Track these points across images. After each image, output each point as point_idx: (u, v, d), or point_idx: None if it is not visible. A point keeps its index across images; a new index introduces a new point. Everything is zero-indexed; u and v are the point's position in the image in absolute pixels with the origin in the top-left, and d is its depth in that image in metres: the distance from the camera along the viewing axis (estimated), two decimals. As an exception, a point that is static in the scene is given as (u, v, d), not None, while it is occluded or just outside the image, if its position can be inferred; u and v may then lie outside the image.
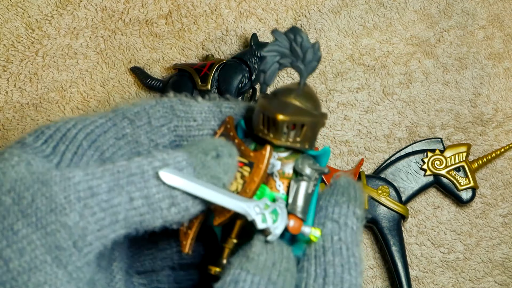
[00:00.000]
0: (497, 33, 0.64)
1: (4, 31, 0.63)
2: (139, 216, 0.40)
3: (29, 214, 0.38)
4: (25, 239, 0.38)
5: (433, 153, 0.62)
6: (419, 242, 0.62)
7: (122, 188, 0.39)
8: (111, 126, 0.45)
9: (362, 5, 0.64)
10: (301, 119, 0.44)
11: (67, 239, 0.38)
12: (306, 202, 0.45)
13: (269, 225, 0.42)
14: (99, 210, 0.39)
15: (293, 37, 0.45)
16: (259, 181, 0.44)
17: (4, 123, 0.62)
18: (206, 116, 0.47)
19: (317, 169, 0.45)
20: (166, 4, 0.64)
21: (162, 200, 0.40)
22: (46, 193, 0.38)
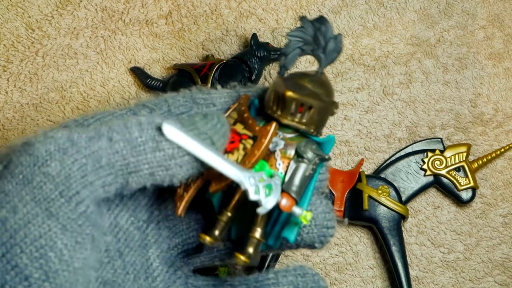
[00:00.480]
0: (497, 33, 0.64)
1: (4, 31, 0.63)
2: (122, 160, 0.40)
3: (16, 173, 0.39)
4: (16, 197, 0.38)
5: (433, 153, 0.62)
6: (419, 242, 0.62)
7: (103, 135, 0.40)
8: (130, 115, 0.45)
9: (362, 5, 0.64)
10: (309, 101, 0.45)
11: (53, 190, 0.38)
12: (302, 184, 0.45)
13: (261, 197, 0.43)
14: (80, 156, 0.39)
15: (319, 26, 0.46)
16: (260, 155, 0.44)
17: (4, 123, 0.62)
18: (225, 101, 0.48)
19: (318, 154, 0.46)
20: (166, 4, 0.64)
21: (146, 143, 0.40)
22: (29, 150, 0.39)
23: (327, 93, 0.46)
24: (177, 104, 0.47)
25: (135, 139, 0.40)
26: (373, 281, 0.62)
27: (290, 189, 0.45)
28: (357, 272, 0.62)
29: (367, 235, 0.62)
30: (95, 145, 0.39)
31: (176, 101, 0.47)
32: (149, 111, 0.46)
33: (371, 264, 0.62)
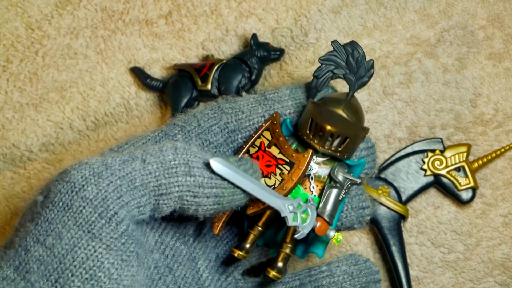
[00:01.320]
0: (497, 33, 0.64)
1: (4, 31, 0.63)
2: (155, 181, 0.41)
3: (56, 201, 0.41)
4: (59, 224, 0.40)
5: (433, 153, 0.62)
6: (419, 242, 0.62)
7: (137, 157, 0.42)
8: (162, 136, 0.48)
9: (362, 5, 0.64)
10: (346, 132, 0.47)
11: (93, 212, 0.40)
12: (335, 207, 0.48)
13: (298, 224, 0.45)
14: (115, 178, 0.41)
15: (351, 51, 0.47)
16: (297, 181, 0.47)
17: (4, 123, 0.62)
18: (253, 106, 0.50)
19: (350, 179, 0.48)
20: (166, 4, 0.64)
21: (178, 166, 0.42)
22: (65, 177, 0.41)
23: (359, 119, 0.49)
24: (206, 117, 0.49)
25: (168, 162, 0.42)
26: (373, 281, 0.62)
27: (324, 214, 0.47)
28: (357, 272, 0.62)
29: (367, 235, 0.62)
30: (129, 167, 0.41)
31: (205, 115, 0.50)
32: (179, 128, 0.48)
33: (371, 264, 0.62)
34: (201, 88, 0.61)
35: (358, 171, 0.50)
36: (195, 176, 0.42)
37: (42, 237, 0.40)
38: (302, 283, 0.49)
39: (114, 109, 0.63)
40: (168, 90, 0.61)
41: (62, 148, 0.62)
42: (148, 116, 0.63)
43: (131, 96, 0.63)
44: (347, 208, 0.50)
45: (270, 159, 0.48)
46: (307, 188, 0.48)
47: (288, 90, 0.51)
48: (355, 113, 0.48)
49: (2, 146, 0.62)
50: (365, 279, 0.50)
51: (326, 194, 0.47)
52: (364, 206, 0.50)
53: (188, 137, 0.48)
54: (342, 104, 0.48)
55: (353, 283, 0.49)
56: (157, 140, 0.48)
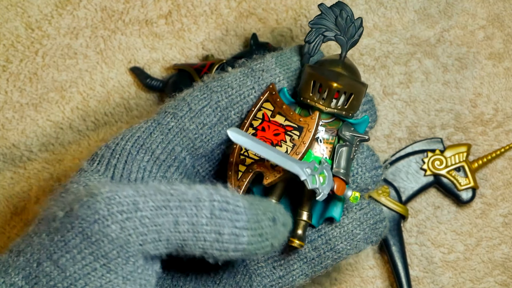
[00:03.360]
0: (497, 33, 0.64)
1: (3, 31, 0.63)
2: (182, 241, 0.41)
3: (76, 224, 0.40)
4: (75, 248, 0.40)
5: (433, 153, 0.62)
6: (419, 242, 0.62)
7: (170, 209, 0.41)
8: (155, 126, 0.48)
9: (362, 5, 0.64)
10: (350, 88, 0.47)
11: (112, 249, 0.40)
12: (348, 165, 0.48)
13: (318, 185, 0.45)
14: (142, 225, 0.40)
15: (339, 12, 0.48)
16: (309, 144, 0.47)
17: (4, 123, 0.62)
18: (241, 80, 0.50)
19: (358, 136, 0.48)
20: (166, 4, 0.64)
21: (209, 233, 0.41)
22: (91, 204, 0.40)
23: (358, 76, 0.49)
24: (196, 99, 0.49)
25: (200, 226, 0.41)
26: (373, 281, 0.62)
27: (339, 173, 0.47)
28: (357, 272, 0.62)
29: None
30: (159, 219, 0.40)
31: (195, 97, 0.49)
32: (171, 116, 0.48)
33: (371, 264, 0.62)
34: (201, 88, 0.61)
35: (363, 127, 0.50)
36: (223, 243, 0.42)
37: (56, 256, 0.40)
38: (312, 239, 0.50)
39: (114, 109, 0.63)
40: (168, 90, 0.61)
41: (62, 148, 0.62)
42: (148, 116, 0.63)
43: (131, 96, 0.63)
44: (361, 170, 0.51)
45: (277, 128, 0.48)
46: (317, 151, 0.48)
47: (273, 58, 0.51)
48: (352, 71, 0.49)
49: (2, 146, 0.62)
50: (372, 220, 0.50)
51: (338, 153, 0.48)
52: (377, 166, 0.51)
53: (182, 122, 0.48)
54: (339, 63, 0.48)
55: (362, 227, 0.50)
56: (151, 131, 0.47)
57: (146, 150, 0.46)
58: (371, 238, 0.51)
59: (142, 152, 0.46)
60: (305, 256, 0.50)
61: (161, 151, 0.47)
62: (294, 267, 0.50)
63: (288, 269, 0.50)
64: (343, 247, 0.50)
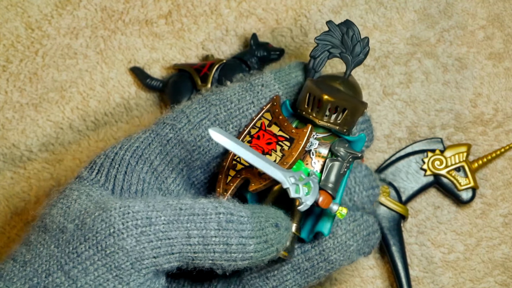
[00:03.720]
0: (497, 33, 0.64)
1: (3, 31, 0.63)
2: (193, 253, 0.43)
3: (90, 237, 0.41)
4: (88, 260, 0.41)
5: (433, 153, 0.62)
6: (419, 242, 0.62)
7: (181, 223, 0.42)
8: (154, 136, 0.48)
9: (362, 5, 0.64)
10: (344, 103, 0.47)
11: (125, 261, 0.41)
12: (338, 181, 0.48)
13: (301, 195, 0.45)
14: (156, 239, 0.42)
15: (346, 30, 0.48)
16: (297, 156, 0.47)
17: (4, 123, 0.62)
18: (240, 95, 0.50)
19: (351, 153, 0.48)
20: (166, 4, 0.64)
21: (217, 244, 0.43)
22: (105, 218, 0.41)
23: (357, 94, 0.49)
24: (195, 112, 0.49)
25: (210, 238, 0.43)
26: (373, 281, 0.62)
27: (327, 187, 0.47)
28: (357, 272, 0.62)
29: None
30: (172, 232, 0.42)
31: (193, 110, 0.50)
32: (170, 127, 0.48)
33: (371, 264, 0.62)
34: (201, 88, 0.61)
35: (359, 146, 0.50)
36: (231, 253, 0.43)
37: (67, 267, 0.41)
38: (305, 250, 0.50)
39: (114, 109, 0.63)
40: (168, 90, 0.61)
41: (62, 148, 0.62)
42: (148, 116, 0.63)
43: (131, 96, 0.63)
44: (359, 188, 0.51)
45: (270, 137, 0.48)
46: (308, 163, 0.48)
47: (272, 74, 0.51)
48: (352, 89, 0.49)
49: (2, 146, 0.62)
50: (365, 232, 0.51)
51: (328, 167, 0.48)
52: (374, 186, 0.52)
53: (180, 134, 0.48)
54: (340, 80, 0.49)
55: (355, 239, 0.50)
56: (150, 142, 0.48)
57: (145, 161, 0.47)
58: (364, 249, 0.51)
59: (141, 163, 0.47)
60: (298, 266, 0.50)
61: (159, 162, 0.47)
62: (287, 277, 0.50)
63: (281, 279, 0.50)
64: (336, 258, 0.50)
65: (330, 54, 0.50)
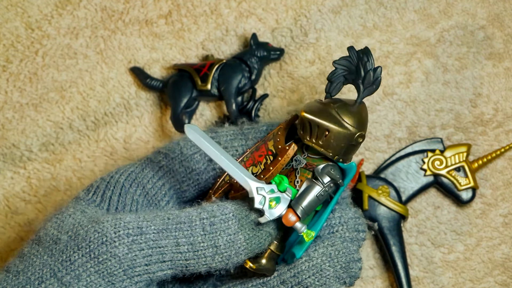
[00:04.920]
0: (497, 33, 0.64)
1: (3, 31, 0.63)
2: (184, 260, 0.44)
3: (83, 246, 0.43)
4: (81, 267, 0.42)
5: (433, 153, 0.62)
6: (419, 242, 0.62)
7: (170, 232, 0.44)
8: (148, 163, 0.51)
9: (362, 5, 0.64)
10: (324, 124, 0.46)
11: (118, 268, 0.43)
12: (311, 204, 0.47)
13: (264, 208, 0.45)
14: (147, 247, 0.43)
15: (362, 57, 0.47)
16: (274, 171, 0.47)
17: (4, 123, 0.62)
18: (230, 139, 0.52)
19: (332, 178, 0.47)
20: (166, 4, 0.64)
21: (206, 249, 0.44)
22: (98, 229, 0.43)
23: (355, 123, 0.47)
24: (189, 145, 0.51)
25: (198, 244, 0.44)
26: (373, 281, 0.62)
27: (296, 206, 0.46)
28: (357, 272, 0.62)
29: (367, 235, 0.62)
30: (162, 241, 0.44)
31: (188, 143, 0.51)
32: (163, 155, 0.51)
33: (371, 264, 0.62)
34: (201, 88, 0.61)
35: (349, 174, 0.49)
36: (222, 254, 0.44)
37: (60, 274, 0.42)
38: (281, 273, 0.49)
39: (114, 109, 0.63)
40: (168, 90, 0.61)
41: (62, 148, 0.62)
42: (148, 116, 0.63)
43: (131, 96, 0.63)
44: (342, 229, 0.50)
45: (264, 150, 0.49)
46: (292, 181, 0.48)
47: (265, 126, 0.53)
48: (351, 115, 0.47)
49: (2, 146, 0.62)
50: (344, 259, 0.49)
51: (303, 188, 0.47)
52: (360, 230, 0.50)
53: (172, 164, 0.50)
54: (339, 104, 0.48)
55: (332, 264, 0.49)
56: (144, 167, 0.50)
57: (138, 184, 0.49)
58: (344, 277, 0.49)
59: (134, 186, 0.49)
60: None
61: (152, 186, 0.49)
62: None
63: None
64: (310, 282, 0.49)
65: (345, 80, 0.49)
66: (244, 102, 0.61)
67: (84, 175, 0.62)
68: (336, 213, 0.50)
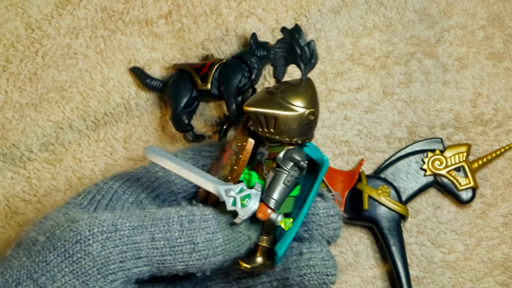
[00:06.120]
0: (497, 33, 0.64)
1: (3, 31, 0.63)
2: (160, 256, 0.44)
3: (58, 246, 0.43)
4: (55, 267, 0.42)
5: (433, 153, 0.62)
6: (419, 242, 0.62)
7: (145, 228, 0.44)
8: (145, 172, 0.50)
9: (362, 5, 0.64)
10: (268, 112, 0.46)
11: (92, 266, 0.42)
12: (281, 192, 0.46)
13: (237, 208, 0.45)
14: (121, 243, 0.43)
15: (293, 34, 0.46)
16: (239, 170, 0.47)
17: (4, 123, 0.62)
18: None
19: (294, 162, 0.46)
20: (166, 4, 0.64)
21: (184, 245, 0.44)
22: (73, 228, 0.43)
23: (303, 102, 0.46)
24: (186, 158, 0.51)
25: (175, 239, 0.44)
26: (373, 281, 0.62)
27: (266, 199, 0.46)
28: (357, 272, 0.62)
29: (367, 235, 0.62)
30: (137, 236, 0.43)
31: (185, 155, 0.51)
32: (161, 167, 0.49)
33: (371, 264, 0.62)
34: (201, 88, 0.61)
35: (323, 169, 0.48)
36: (200, 251, 0.44)
37: (36, 275, 0.42)
38: None
39: (114, 109, 0.63)
40: (168, 90, 0.61)
41: (62, 148, 0.62)
42: (148, 116, 0.63)
43: (131, 96, 0.63)
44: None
45: (230, 151, 0.49)
46: (261, 175, 0.47)
47: None
48: (296, 95, 0.46)
49: (2, 146, 0.62)
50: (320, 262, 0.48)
51: (270, 178, 0.46)
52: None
53: (169, 175, 0.50)
54: (282, 86, 0.47)
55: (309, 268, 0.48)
56: (140, 177, 0.49)
57: (132, 192, 0.49)
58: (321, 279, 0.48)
59: (128, 193, 0.49)
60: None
61: (146, 196, 0.49)
62: None
63: None
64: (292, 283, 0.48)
65: (286, 61, 0.48)
66: (244, 102, 0.61)
67: (84, 175, 0.62)
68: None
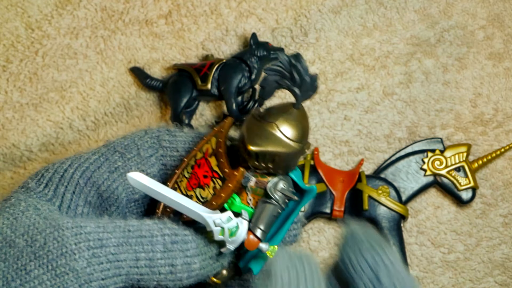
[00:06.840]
0: (497, 33, 0.64)
1: (3, 31, 0.63)
2: (139, 275, 0.43)
3: (41, 255, 0.41)
4: (36, 279, 0.40)
5: (433, 153, 0.62)
6: (419, 242, 0.62)
7: (130, 246, 0.43)
8: (103, 161, 0.48)
9: (362, 5, 0.64)
10: (271, 151, 0.45)
11: (74, 282, 0.41)
12: (269, 223, 0.46)
13: (225, 238, 0.44)
14: (106, 261, 0.42)
15: (295, 64, 0.46)
16: (226, 198, 0.46)
17: (4, 123, 0.62)
18: (187, 146, 0.50)
19: (286, 195, 0.46)
20: (166, 4, 0.64)
21: (163, 266, 0.43)
22: (58, 237, 0.41)
23: (299, 136, 0.46)
24: (146, 146, 0.49)
25: (156, 260, 0.43)
26: (373, 281, 0.62)
27: (255, 229, 0.46)
28: (357, 272, 0.62)
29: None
30: (121, 255, 0.42)
31: (144, 143, 0.49)
32: (119, 155, 0.48)
33: (371, 264, 0.62)
34: (201, 87, 0.61)
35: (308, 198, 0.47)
36: (176, 274, 0.43)
37: (14, 284, 0.40)
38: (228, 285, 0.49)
39: (114, 109, 0.63)
40: (168, 90, 0.61)
41: (62, 148, 0.62)
42: (148, 116, 0.63)
43: (131, 96, 0.63)
44: None
45: (208, 170, 0.47)
46: (244, 200, 0.47)
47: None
48: (293, 127, 0.46)
49: (2, 146, 0.62)
50: None
51: (260, 209, 0.46)
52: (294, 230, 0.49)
53: (128, 165, 0.49)
54: (279, 118, 0.46)
55: None
56: (99, 166, 0.48)
57: (93, 184, 0.47)
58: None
59: (90, 185, 0.47)
60: None
61: (106, 188, 0.48)
62: None
63: None
64: None
65: (278, 85, 0.47)
66: (244, 102, 0.61)
67: (84, 175, 0.62)
68: None
